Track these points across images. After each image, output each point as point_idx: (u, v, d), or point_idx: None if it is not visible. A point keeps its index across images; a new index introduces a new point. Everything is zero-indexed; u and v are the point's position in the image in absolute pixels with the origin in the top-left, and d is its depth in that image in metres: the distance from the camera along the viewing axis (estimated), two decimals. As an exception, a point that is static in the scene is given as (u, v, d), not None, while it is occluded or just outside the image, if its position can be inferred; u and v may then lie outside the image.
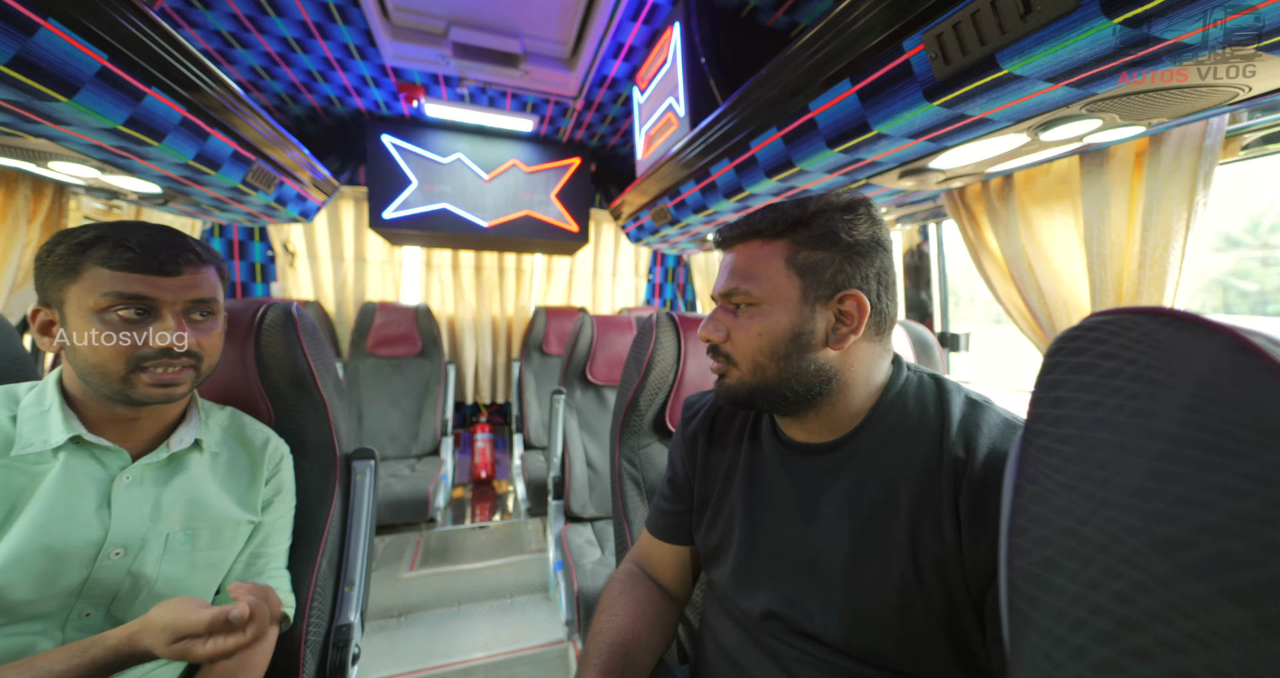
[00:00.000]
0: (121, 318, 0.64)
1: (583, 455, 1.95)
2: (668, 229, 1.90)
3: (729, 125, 1.18)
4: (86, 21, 0.71)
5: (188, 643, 0.54)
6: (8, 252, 1.25)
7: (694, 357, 1.12)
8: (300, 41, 1.56)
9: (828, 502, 0.60)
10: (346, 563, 1.00)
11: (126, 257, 0.63)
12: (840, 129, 0.92)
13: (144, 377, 0.65)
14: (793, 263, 0.58)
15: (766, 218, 0.59)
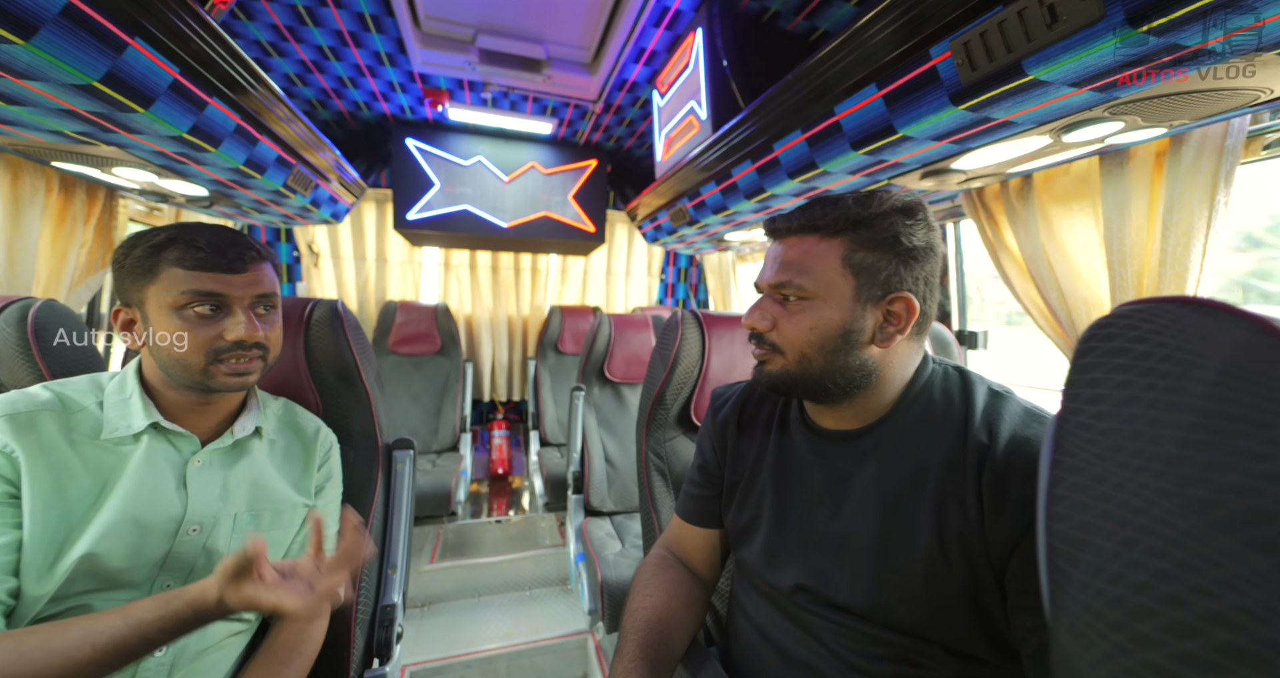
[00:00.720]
0: (197, 314, 0.68)
1: (601, 451, 2.00)
2: (686, 229, 1.94)
3: (752, 128, 1.22)
4: (165, 38, 0.76)
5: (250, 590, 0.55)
6: (67, 251, 1.32)
7: (718, 353, 1.16)
8: (334, 49, 1.62)
9: (856, 485, 0.64)
10: (389, 547, 1.05)
11: (198, 256, 0.68)
12: (865, 132, 0.95)
13: (222, 367, 0.70)
14: (849, 262, 0.61)
15: (828, 215, 0.61)
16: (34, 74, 0.69)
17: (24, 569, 0.60)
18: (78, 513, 0.65)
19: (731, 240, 2.12)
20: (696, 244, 2.29)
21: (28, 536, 0.61)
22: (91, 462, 0.68)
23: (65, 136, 0.93)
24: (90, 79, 0.71)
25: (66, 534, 0.64)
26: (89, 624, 0.55)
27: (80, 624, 0.55)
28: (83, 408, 0.70)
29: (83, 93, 0.75)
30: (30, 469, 0.63)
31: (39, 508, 0.62)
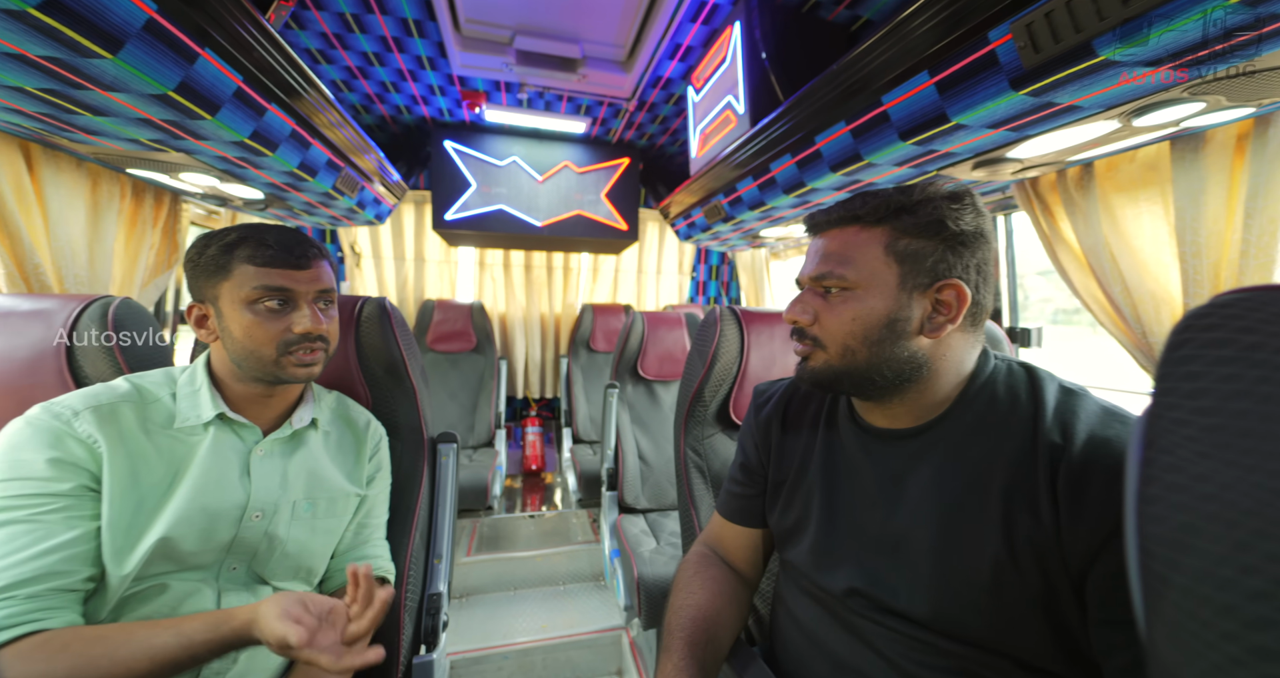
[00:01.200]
0: (268, 308, 0.72)
1: (635, 448, 2.00)
2: (720, 226, 1.92)
3: (792, 121, 1.19)
4: (230, 47, 0.81)
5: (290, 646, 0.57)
6: (138, 253, 1.41)
7: (757, 350, 1.14)
8: (378, 55, 1.67)
9: (912, 485, 0.62)
10: (435, 537, 1.08)
11: (268, 254, 0.71)
12: (915, 121, 0.92)
13: (291, 358, 0.74)
14: (892, 249, 0.59)
15: (868, 204, 0.60)
16: (119, 86, 0.74)
17: (106, 552, 0.64)
18: (152, 499, 0.69)
19: (767, 237, 2.09)
20: (730, 241, 2.26)
21: (107, 520, 0.65)
22: (164, 451, 0.72)
23: (141, 144, 1.00)
24: (166, 89, 0.76)
25: (143, 519, 0.67)
26: (149, 637, 0.58)
27: (141, 636, 0.58)
28: (157, 399, 0.75)
29: (159, 102, 0.80)
30: (111, 458, 0.66)
31: (118, 495, 0.66)
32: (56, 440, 0.64)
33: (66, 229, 1.24)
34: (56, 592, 0.60)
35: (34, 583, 0.58)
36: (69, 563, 0.61)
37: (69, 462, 0.64)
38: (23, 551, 0.59)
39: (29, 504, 0.61)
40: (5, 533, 0.59)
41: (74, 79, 0.71)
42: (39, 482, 0.62)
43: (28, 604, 0.57)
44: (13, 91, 0.74)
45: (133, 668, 0.55)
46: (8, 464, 0.62)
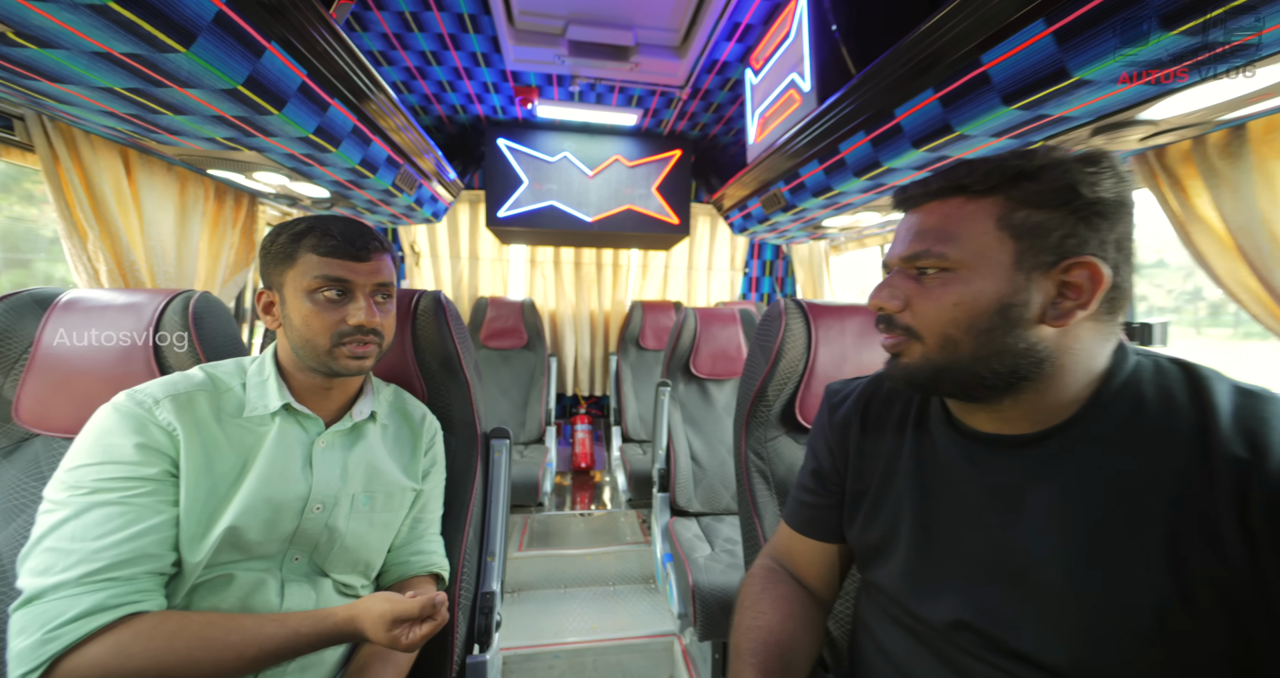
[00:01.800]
0: (326, 298, 0.72)
1: (687, 449, 1.93)
2: (779, 216, 1.81)
3: (867, 95, 1.08)
4: (294, 41, 0.81)
5: (399, 630, 0.60)
6: (220, 251, 1.50)
7: (826, 346, 1.04)
8: (436, 54, 1.70)
9: (1034, 503, 0.52)
10: (488, 535, 1.06)
11: (331, 243, 0.72)
12: (1024, 81, 0.80)
13: (344, 350, 0.73)
14: (1007, 223, 0.49)
15: (977, 170, 0.51)
16: (193, 81, 0.75)
17: (182, 539, 0.65)
18: (223, 488, 0.69)
19: (829, 227, 1.96)
20: (789, 232, 2.14)
21: (184, 507, 0.66)
22: (235, 439, 0.73)
23: (218, 143, 1.04)
24: (235, 83, 0.77)
25: (214, 507, 0.68)
26: (257, 626, 0.60)
27: (250, 624, 0.60)
28: (229, 388, 0.76)
29: (230, 98, 0.82)
30: (188, 445, 0.68)
31: (193, 482, 0.67)
32: (141, 427, 0.66)
33: (158, 229, 1.33)
34: (149, 575, 0.61)
35: (129, 565, 0.60)
36: (159, 546, 0.63)
37: (153, 447, 0.66)
38: (117, 532, 0.60)
39: (120, 487, 0.62)
40: (100, 514, 0.61)
41: (154, 76, 0.73)
42: (128, 466, 0.63)
43: (127, 586, 0.59)
44: (105, 93, 0.78)
45: (242, 654, 0.58)
46: (100, 448, 0.64)
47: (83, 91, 0.77)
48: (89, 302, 0.96)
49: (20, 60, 0.68)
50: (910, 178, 1.27)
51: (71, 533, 0.60)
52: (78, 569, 0.57)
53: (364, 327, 0.74)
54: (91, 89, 0.77)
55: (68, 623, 0.54)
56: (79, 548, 0.59)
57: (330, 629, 0.61)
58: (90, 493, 0.62)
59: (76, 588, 0.56)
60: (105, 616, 0.56)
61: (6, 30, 0.60)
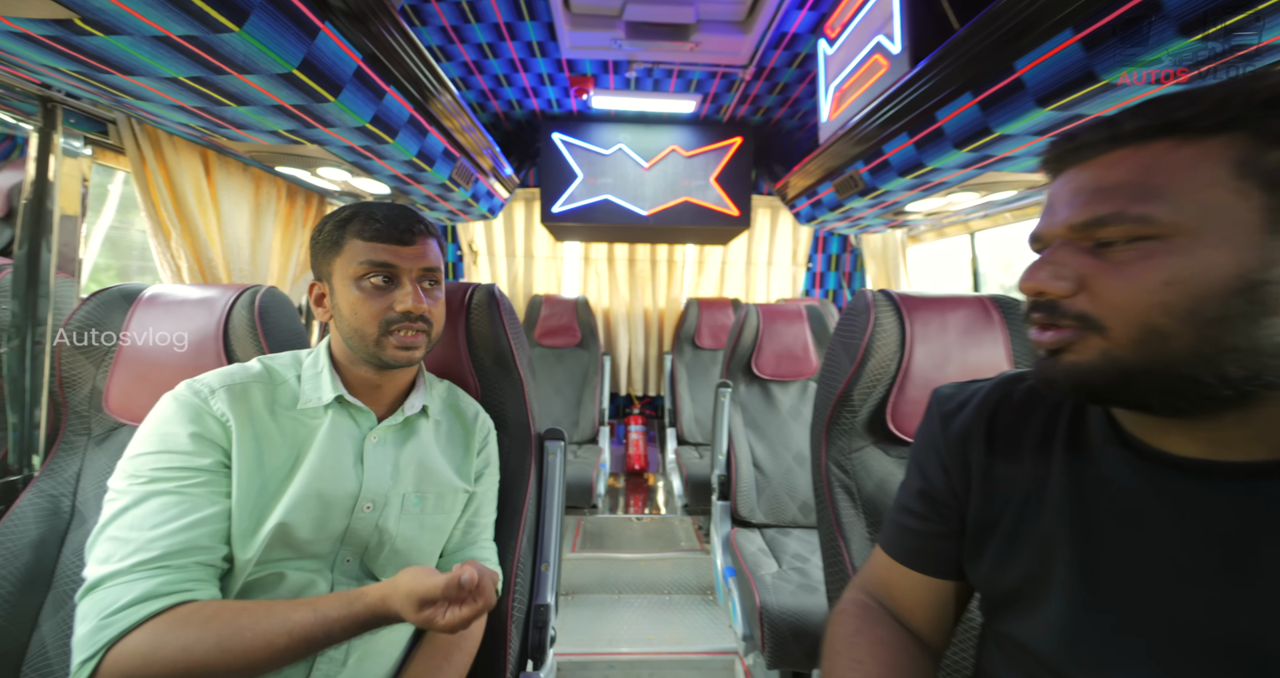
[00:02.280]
0: (373, 284, 0.70)
1: (749, 455, 1.80)
2: (855, 201, 1.64)
3: (979, 48, 0.92)
4: (348, 23, 0.78)
5: (431, 611, 0.54)
6: (291, 249, 1.55)
7: (923, 343, 0.90)
8: (492, 46, 1.67)
9: (1276, 559, 0.37)
10: (542, 542, 1.00)
11: (375, 227, 0.69)
12: (1204, 6, 0.62)
13: (392, 339, 0.70)
14: (1253, 168, 0.35)
15: (1201, 101, 0.36)
16: (249, 65, 0.74)
17: (234, 534, 0.64)
18: (274, 482, 0.68)
19: (913, 213, 1.76)
20: (864, 220, 1.95)
21: (236, 500, 0.64)
22: (288, 432, 0.71)
23: (281, 136, 1.04)
24: (290, 66, 0.75)
25: (265, 502, 0.66)
26: (287, 612, 0.56)
27: (280, 611, 0.56)
28: (285, 380, 0.75)
29: (286, 83, 0.80)
30: (240, 437, 0.66)
31: (244, 475, 0.65)
32: (197, 416, 0.65)
33: (234, 227, 1.38)
34: (200, 566, 0.60)
35: (182, 555, 0.59)
36: (211, 539, 0.61)
37: (208, 438, 0.65)
38: (173, 522, 0.59)
39: (176, 476, 0.62)
40: (157, 503, 0.60)
41: (213, 61, 0.71)
42: (184, 455, 0.63)
43: (180, 574, 0.57)
44: (171, 84, 0.78)
45: (273, 642, 0.54)
46: (158, 437, 0.64)
47: (151, 83, 0.78)
48: (168, 297, 0.99)
49: (92, 51, 0.68)
50: (1021, 147, 1.09)
51: (130, 522, 0.59)
52: (133, 557, 0.57)
53: (411, 314, 0.70)
54: (159, 80, 0.77)
55: (121, 610, 0.54)
56: (135, 537, 0.58)
57: (361, 612, 0.56)
58: (148, 482, 0.61)
59: (131, 575, 0.56)
60: (157, 602, 0.55)
61: (73, 16, 0.59)
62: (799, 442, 1.83)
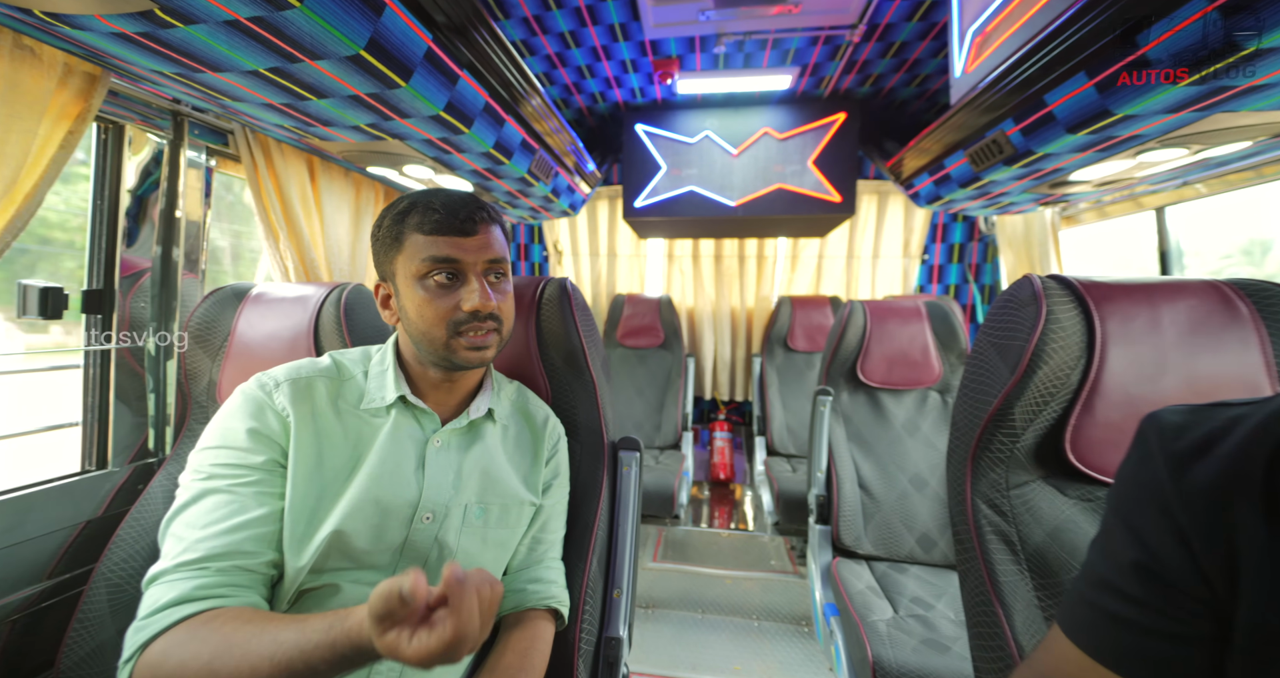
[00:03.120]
0: (437, 283, 0.64)
1: (853, 474, 1.56)
2: (997, 172, 1.34)
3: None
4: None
5: (394, 636, 0.40)
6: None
7: (1122, 346, 0.65)
8: (574, 33, 1.62)
9: None
10: (615, 564, 0.89)
11: (434, 218, 0.63)
12: None
13: (462, 341, 0.65)
14: None
15: None
16: (318, 48, 0.71)
17: (286, 539, 0.60)
18: (334, 483, 0.64)
19: (1078, 183, 1.40)
20: (1007, 196, 1.61)
21: (290, 503, 0.61)
22: (350, 431, 0.67)
23: (364, 132, 1.05)
24: (357, 46, 0.72)
25: (324, 507, 0.62)
26: (277, 631, 0.47)
27: (274, 629, 0.48)
28: (352, 376, 0.72)
29: (356, 67, 0.77)
30: (299, 434, 0.63)
31: (302, 476, 0.62)
32: (259, 411, 0.63)
33: (335, 229, 1.46)
34: (241, 570, 0.56)
35: (223, 558, 0.55)
36: (255, 543, 0.58)
37: (264, 434, 0.62)
38: (220, 523, 0.57)
39: (230, 474, 0.60)
40: (210, 502, 0.58)
41: (283, 47, 0.70)
42: (239, 452, 0.61)
43: (218, 578, 0.54)
44: (254, 78, 0.78)
45: (256, 667, 0.45)
46: (219, 432, 0.63)
47: (238, 79, 0.79)
48: (271, 294, 1.03)
49: (178, 46, 0.69)
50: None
51: (186, 519, 0.58)
52: (180, 557, 0.54)
53: (480, 312, 0.64)
54: (244, 75, 0.77)
55: (157, 612, 0.51)
56: (187, 536, 0.56)
57: (340, 637, 0.43)
58: (206, 478, 0.60)
59: (174, 575, 0.54)
60: (188, 607, 0.51)
61: (154, 7, 0.59)
62: (916, 462, 1.55)
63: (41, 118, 0.84)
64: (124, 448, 1.09)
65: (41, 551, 0.96)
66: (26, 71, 0.82)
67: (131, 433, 1.11)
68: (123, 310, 1.08)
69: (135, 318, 1.11)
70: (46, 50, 0.83)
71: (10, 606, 0.91)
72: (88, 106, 0.89)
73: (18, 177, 0.83)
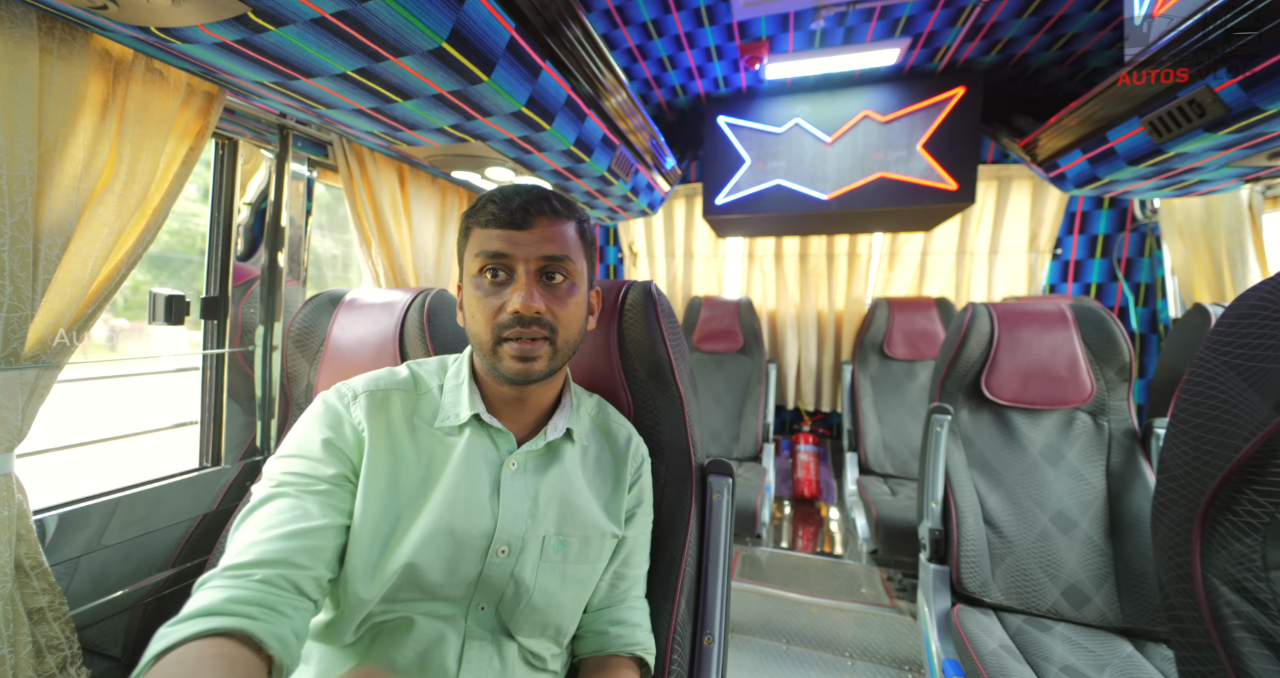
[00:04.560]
0: (489, 281, 0.59)
1: (976, 506, 1.33)
2: (1192, 141, 1.05)
3: None
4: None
5: None
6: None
7: None
8: (657, 22, 1.53)
9: None
10: (705, 606, 0.78)
11: (491, 210, 0.58)
12: None
13: (506, 348, 0.58)
14: None
15: None
16: (401, 43, 0.68)
17: (354, 567, 0.55)
18: (407, 508, 0.59)
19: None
20: (1199, 172, 1.27)
21: (360, 523, 0.56)
22: (424, 450, 0.62)
23: (448, 135, 1.03)
24: (439, 38, 0.68)
25: (394, 533, 0.57)
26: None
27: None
28: (428, 390, 0.67)
29: (439, 62, 0.73)
30: (372, 450, 0.59)
31: (373, 493, 0.58)
32: (336, 422, 0.60)
33: (422, 235, 1.49)
34: (285, 583, 0.49)
35: (270, 565, 0.49)
36: (308, 555, 0.51)
37: (338, 446, 0.58)
38: (277, 528, 0.52)
39: (299, 483, 0.56)
40: (273, 507, 0.54)
41: (368, 43, 0.67)
42: (312, 462, 0.57)
43: (254, 592, 0.47)
44: (344, 82, 0.77)
45: None
46: (295, 441, 0.60)
47: (328, 84, 0.79)
48: (362, 301, 1.04)
49: (272, 51, 0.68)
50: None
51: (248, 524, 0.53)
52: (231, 560, 0.49)
53: (521, 315, 0.56)
54: (333, 79, 0.77)
55: (184, 620, 0.43)
56: (243, 539, 0.51)
57: None
58: (276, 485, 0.56)
59: (219, 579, 0.47)
60: (208, 621, 0.43)
61: (246, 9, 0.57)
62: (1060, 497, 1.29)
63: (168, 136, 0.90)
64: (235, 446, 1.17)
65: (168, 540, 1.04)
66: (156, 93, 0.87)
67: (242, 432, 1.18)
68: (235, 316, 1.15)
69: (246, 323, 1.18)
70: (172, 72, 0.88)
71: (145, 589, 0.99)
72: (206, 123, 0.94)
73: (148, 191, 0.88)
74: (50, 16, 0.71)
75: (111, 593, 0.95)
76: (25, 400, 0.75)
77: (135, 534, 0.99)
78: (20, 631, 0.74)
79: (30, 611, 0.76)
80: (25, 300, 0.71)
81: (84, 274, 0.79)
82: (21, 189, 0.70)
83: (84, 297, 0.80)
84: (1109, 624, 1.15)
